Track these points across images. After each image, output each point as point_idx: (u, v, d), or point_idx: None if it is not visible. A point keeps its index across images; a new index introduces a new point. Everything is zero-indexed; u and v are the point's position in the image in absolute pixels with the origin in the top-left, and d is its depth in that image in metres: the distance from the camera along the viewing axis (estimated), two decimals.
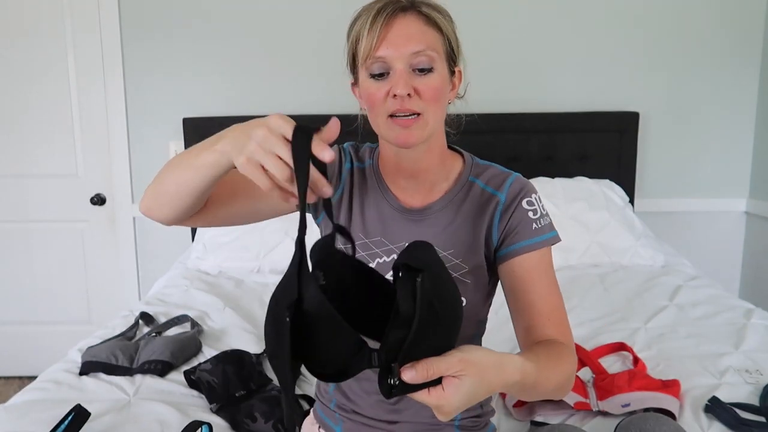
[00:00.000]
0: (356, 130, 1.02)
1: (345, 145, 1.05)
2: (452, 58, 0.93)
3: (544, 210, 0.97)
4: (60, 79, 2.59)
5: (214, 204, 0.92)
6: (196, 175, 0.79)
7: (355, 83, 0.95)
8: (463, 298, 0.95)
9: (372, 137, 0.99)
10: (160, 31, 2.55)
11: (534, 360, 0.77)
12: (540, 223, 0.95)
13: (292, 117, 0.69)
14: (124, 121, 2.61)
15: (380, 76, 0.87)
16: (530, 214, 0.95)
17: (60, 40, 2.56)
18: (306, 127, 0.65)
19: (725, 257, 2.72)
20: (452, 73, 0.94)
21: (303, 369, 1.49)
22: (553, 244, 0.96)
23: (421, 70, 0.87)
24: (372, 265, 0.97)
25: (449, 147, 1.01)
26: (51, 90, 2.60)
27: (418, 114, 0.87)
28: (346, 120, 0.83)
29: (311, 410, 1.17)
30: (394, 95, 0.85)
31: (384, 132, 0.90)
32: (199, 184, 0.81)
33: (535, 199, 0.96)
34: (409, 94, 0.85)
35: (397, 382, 0.63)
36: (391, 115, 0.87)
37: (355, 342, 0.62)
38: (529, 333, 0.92)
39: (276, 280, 1.89)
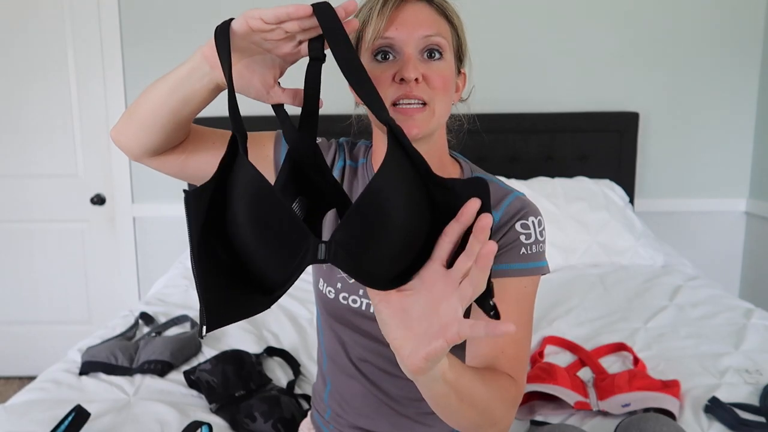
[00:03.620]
0: (350, 130, 1.00)
1: (340, 140, 1.01)
2: (459, 56, 0.90)
3: (540, 236, 0.88)
4: (60, 79, 2.59)
5: (188, 147, 0.89)
6: (174, 83, 0.75)
7: None
8: None
9: (366, 136, 0.98)
10: (160, 30, 2.55)
11: (469, 369, 0.69)
12: (530, 250, 0.87)
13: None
14: None
15: (385, 58, 0.83)
16: (522, 237, 0.87)
17: (60, 40, 2.56)
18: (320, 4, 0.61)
19: (725, 257, 2.72)
20: (458, 73, 0.91)
21: (304, 369, 1.50)
22: (538, 275, 0.88)
23: (431, 56, 0.83)
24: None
25: (450, 155, 0.97)
26: (51, 90, 2.60)
27: (424, 104, 0.81)
28: (338, 119, 0.82)
29: (309, 413, 1.17)
30: (401, 80, 0.80)
31: None
32: (172, 98, 0.77)
33: (533, 222, 0.88)
34: (416, 80, 0.80)
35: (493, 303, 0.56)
36: (395, 104, 0.81)
37: (295, 226, 0.54)
38: (478, 361, 0.83)
39: None
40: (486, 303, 0.57)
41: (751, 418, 1.21)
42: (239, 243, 0.57)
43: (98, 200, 2.66)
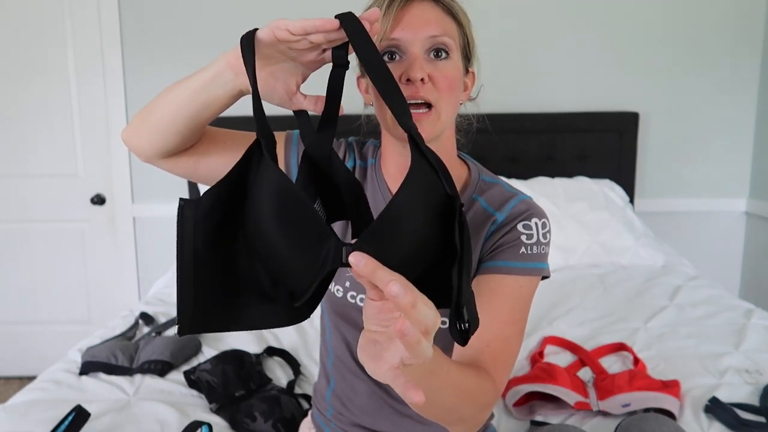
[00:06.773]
0: (359, 131, 1.01)
1: (350, 139, 1.01)
2: (467, 55, 0.89)
3: (543, 239, 0.88)
4: (60, 79, 2.59)
5: (201, 149, 0.89)
6: (196, 88, 0.76)
7: (362, 75, 0.91)
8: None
9: (375, 136, 0.98)
10: (160, 30, 2.55)
11: (434, 375, 0.64)
12: (530, 250, 0.86)
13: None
14: (124, 121, 2.61)
15: (392, 58, 0.82)
16: (523, 237, 0.86)
17: (60, 40, 2.56)
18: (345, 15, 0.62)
19: (725, 257, 2.72)
20: (466, 72, 0.90)
21: (304, 369, 1.50)
22: (537, 276, 0.87)
23: (437, 55, 0.82)
24: None
25: (458, 156, 0.96)
26: (51, 90, 2.60)
27: (430, 107, 0.81)
28: (347, 120, 0.82)
29: (309, 412, 1.17)
30: (408, 80, 0.79)
31: (393, 125, 0.82)
32: (194, 102, 0.77)
33: (536, 224, 0.87)
34: (422, 80, 0.79)
35: (467, 326, 0.54)
36: None
37: (319, 228, 0.53)
38: (461, 352, 0.81)
39: None
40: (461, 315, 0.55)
41: (751, 418, 1.21)
42: (264, 249, 0.56)
43: (98, 200, 2.66)
